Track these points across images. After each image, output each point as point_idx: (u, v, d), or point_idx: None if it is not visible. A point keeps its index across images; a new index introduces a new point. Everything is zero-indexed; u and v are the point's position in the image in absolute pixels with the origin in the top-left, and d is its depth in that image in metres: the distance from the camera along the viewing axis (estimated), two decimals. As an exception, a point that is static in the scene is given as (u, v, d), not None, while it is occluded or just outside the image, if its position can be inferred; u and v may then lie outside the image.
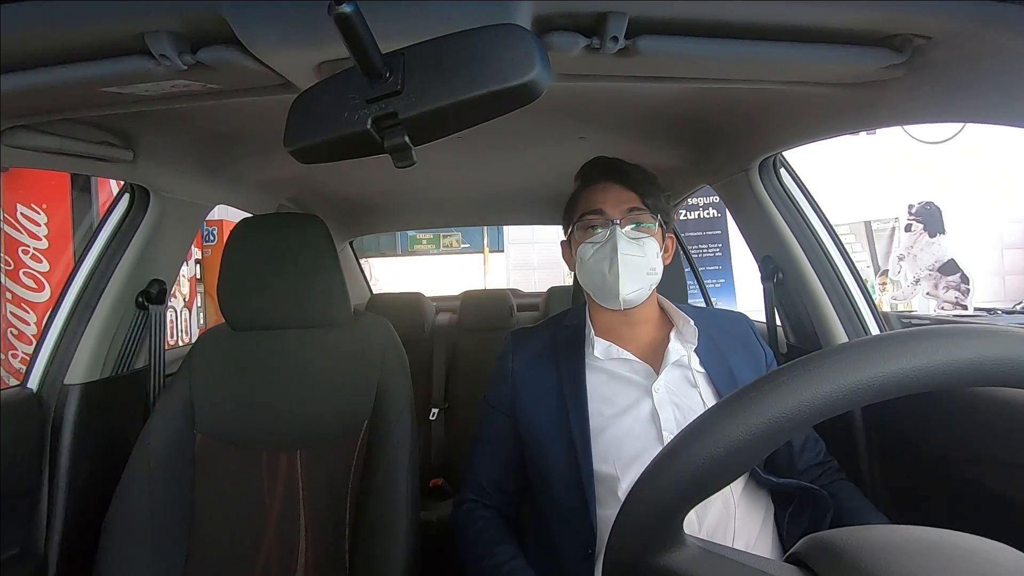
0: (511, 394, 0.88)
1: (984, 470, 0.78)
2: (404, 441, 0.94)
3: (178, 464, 0.96)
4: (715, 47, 0.57)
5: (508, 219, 2.72)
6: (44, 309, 2.70)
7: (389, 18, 0.46)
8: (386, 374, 1.00)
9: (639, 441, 0.78)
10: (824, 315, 1.07)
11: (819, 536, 0.35)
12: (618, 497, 0.76)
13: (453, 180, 1.63)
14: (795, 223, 1.10)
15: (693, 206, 5.04)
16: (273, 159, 1.19)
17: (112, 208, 1.11)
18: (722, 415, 0.33)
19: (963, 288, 5.17)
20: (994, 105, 0.60)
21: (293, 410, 1.00)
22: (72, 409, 1.00)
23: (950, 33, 0.54)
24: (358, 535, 0.90)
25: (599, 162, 0.91)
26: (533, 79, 0.37)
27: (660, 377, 0.81)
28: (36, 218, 2.74)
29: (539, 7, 0.51)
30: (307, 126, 0.42)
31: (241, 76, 0.59)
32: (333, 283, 1.02)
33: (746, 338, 0.91)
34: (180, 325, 3.78)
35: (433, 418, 1.88)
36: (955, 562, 0.30)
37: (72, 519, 0.98)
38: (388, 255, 7.46)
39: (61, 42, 0.53)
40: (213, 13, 0.49)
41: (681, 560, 0.34)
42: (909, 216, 5.41)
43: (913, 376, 0.31)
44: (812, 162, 3.60)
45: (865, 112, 0.74)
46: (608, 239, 0.82)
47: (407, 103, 0.38)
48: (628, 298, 0.82)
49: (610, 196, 0.85)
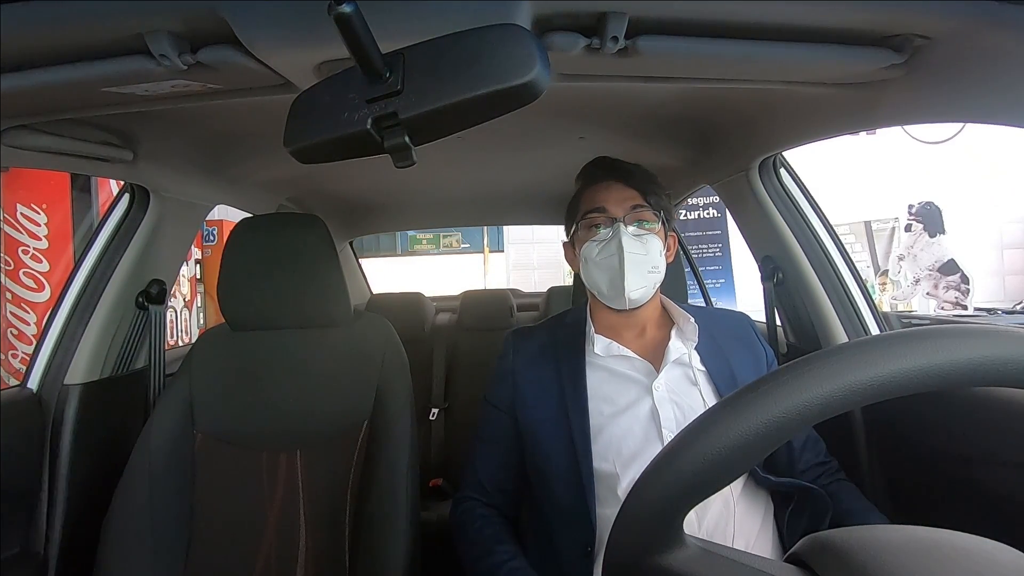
0: (511, 392, 0.88)
1: (984, 470, 0.78)
2: (404, 441, 0.94)
3: (178, 464, 0.96)
4: (715, 47, 0.57)
5: (508, 219, 2.72)
6: (44, 309, 2.70)
7: (389, 18, 0.46)
8: (386, 374, 1.00)
9: (639, 439, 0.78)
10: (824, 315, 1.07)
11: (819, 536, 0.35)
12: (618, 496, 0.76)
13: (453, 180, 1.63)
14: (795, 223, 1.10)
15: (693, 206, 5.04)
16: (273, 159, 1.19)
17: (112, 208, 1.11)
18: (722, 415, 0.33)
19: (963, 288, 5.17)
20: (994, 105, 0.60)
21: (293, 410, 1.00)
22: (72, 409, 1.00)
23: (950, 33, 0.54)
24: (358, 535, 0.90)
25: (601, 162, 0.91)
26: (533, 79, 0.37)
27: (660, 375, 0.81)
28: (36, 218, 2.74)
29: (539, 7, 0.51)
30: (307, 126, 0.42)
31: (241, 76, 0.59)
32: (333, 283, 1.02)
33: (747, 337, 0.91)
34: (180, 325, 3.79)
35: (433, 418, 1.87)
36: (955, 562, 0.30)
37: (72, 519, 0.98)
38: (388, 255, 7.46)
39: (61, 42, 0.53)
40: (213, 13, 0.49)
41: (681, 560, 0.34)
42: (909, 216, 5.41)
43: (913, 376, 0.31)
44: (812, 162, 3.60)
45: (865, 112, 0.74)
46: (612, 237, 0.82)
47: (407, 103, 0.38)
48: (634, 296, 0.82)
49: (613, 194, 0.85)
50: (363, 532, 0.89)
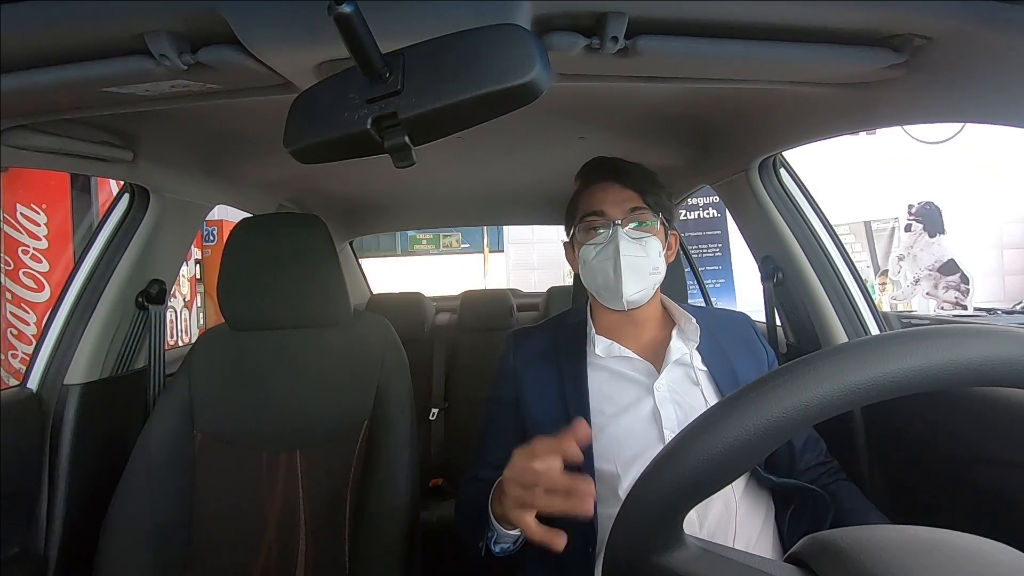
0: (514, 390, 0.88)
1: (984, 470, 0.78)
2: (404, 441, 0.94)
3: (178, 464, 0.96)
4: (715, 47, 0.56)
5: (508, 219, 2.72)
6: (44, 309, 2.70)
7: (389, 18, 0.46)
8: (386, 374, 1.00)
9: (640, 440, 0.78)
10: (824, 315, 1.07)
11: (819, 536, 0.35)
12: (619, 496, 0.76)
13: (453, 180, 1.63)
14: (795, 223, 1.10)
15: (693, 206, 5.04)
16: (273, 159, 1.19)
17: (112, 208, 1.11)
18: (722, 415, 0.33)
19: (963, 288, 5.17)
20: (994, 105, 0.60)
21: (293, 410, 1.00)
22: (72, 409, 1.00)
23: (950, 33, 0.54)
24: (358, 535, 0.90)
25: (599, 162, 0.90)
26: (533, 79, 0.37)
27: (662, 375, 0.81)
28: (36, 218, 2.74)
29: (539, 7, 0.51)
30: (307, 126, 0.42)
31: (241, 76, 0.59)
32: (333, 283, 1.02)
33: (748, 337, 0.91)
34: (180, 325, 3.79)
35: (433, 418, 1.87)
36: (955, 562, 0.30)
37: (72, 519, 0.98)
38: (388, 255, 7.46)
39: (61, 42, 0.53)
40: (213, 13, 0.49)
41: (681, 560, 0.34)
42: (909, 216, 5.42)
43: (913, 376, 0.31)
44: (812, 162, 3.60)
45: (865, 112, 0.74)
46: (610, 240, 0.82)
47: (407, 103, 0.38)
48: (632, 299, 0.82)
49: (610, 196, 0.85)
50: (363, 532, 0.89)
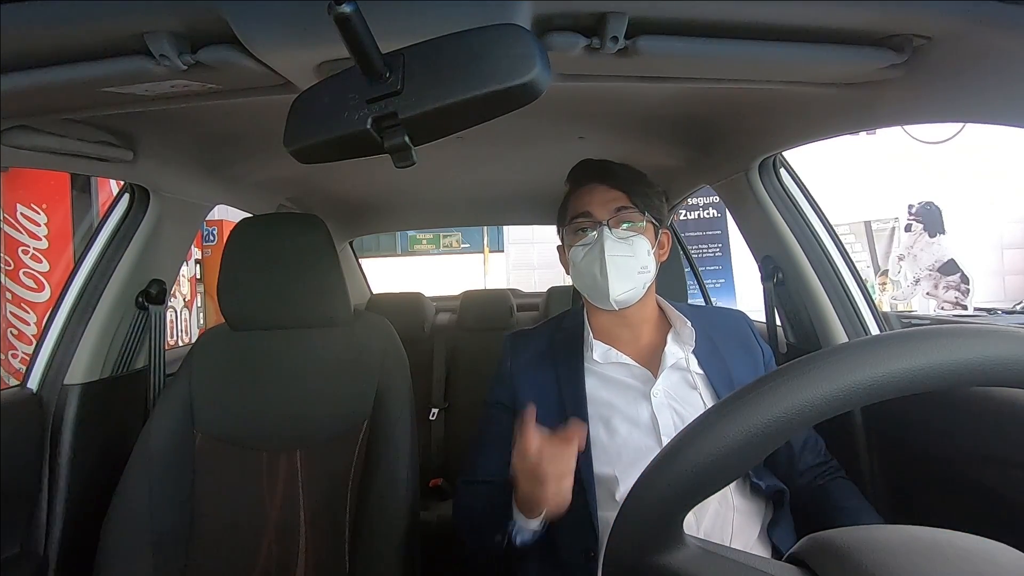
0: (512, 394, 0.88)
1: (984, 470, 0.78)
2: (404, 441, 0.94)
3: (178, 464, 0.96)
4: (715, 47, 0.57)
5: (508, 219, 2.72)
6: (44, 309, 2.70)
7: (389, 18, 0.46)
8: (386, 374, 1.00)
9: (639, 446, 0.78)
10: (824, 315, 1.07)
11: (819, 536, 0.35)
12: (618, 501, 0.76)
13: (453, 180, 1.63)
14: (795, 223, 1.10)
15: (693, 206, 5.05)
16: (273, 159, 1.19)
17: (112, 208, 1.11)
18: (719, 417, 0.33)
19: (963, 288, 5.17)
20: (994, 105, 0.60)
21: (293, 410, 1.00)
22: (72, 409, 1.00)
23: (950, 33, 0.54)
24: (358, 535, 0.90)
25: (585, 164, 0.91)
26: (533, 79, 0.37)
27: (658, 381, 0.81)
28: (36, 218, 2.74)
29: (539, 7, 0.51)
30: (307, 126, 0.42)
31: (241, 76, 0.59)
32: (333, 283, 1.02)
33: (745, 337, 0.91)
34: (180, 325, 3.79)
35: (433, 418, 1.87)
36: (955, 562, 0.30)
37: (72, 519, 0.98)
38: (388, 255, 7.46)
39: (61, 42, 0.53)
40: (213, 13, 0.49)
41: (681, 560, 0.34)
42: (909, 216, 5.42)
43: (913, 376, 0.31)
44: (812, 162, 3.60)
45: (865, 112, 0.74)
46: (596, 241, 0.82)
47: (407, 103, 0.38)
48: (620, 298, 0.82)
49: (596, 197, 0.85)
50: (363, 532, 0.89)
